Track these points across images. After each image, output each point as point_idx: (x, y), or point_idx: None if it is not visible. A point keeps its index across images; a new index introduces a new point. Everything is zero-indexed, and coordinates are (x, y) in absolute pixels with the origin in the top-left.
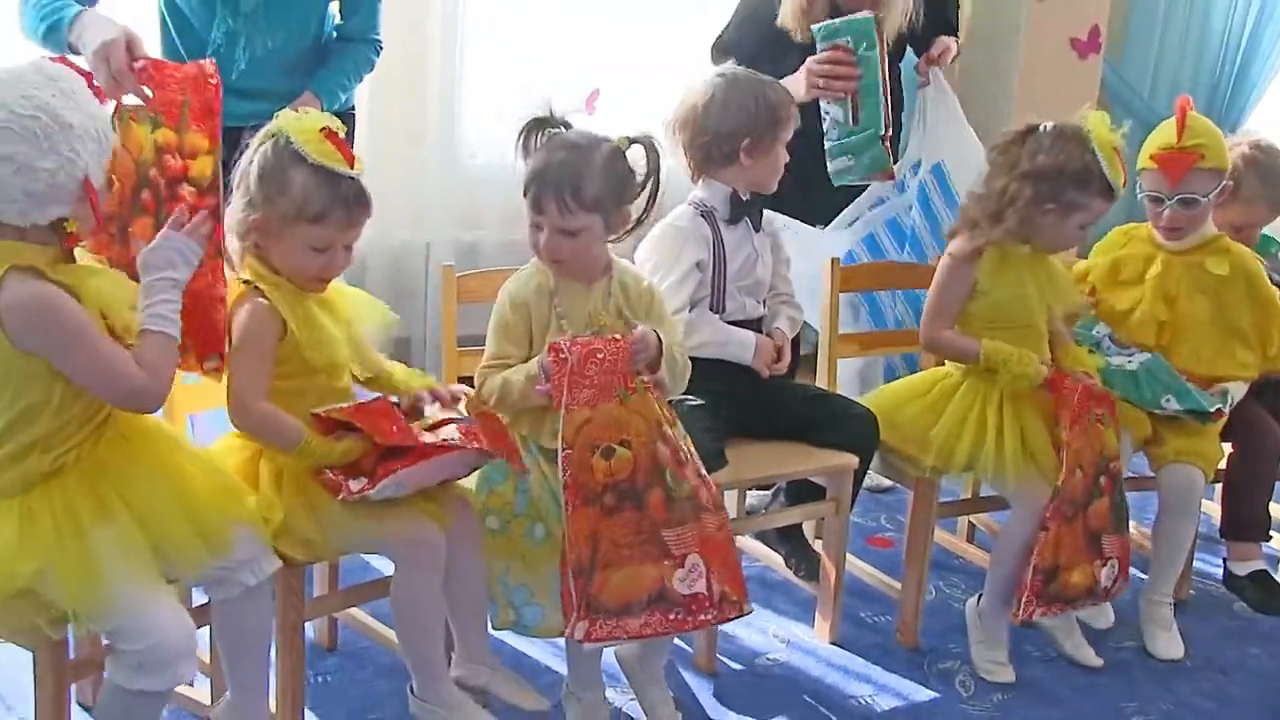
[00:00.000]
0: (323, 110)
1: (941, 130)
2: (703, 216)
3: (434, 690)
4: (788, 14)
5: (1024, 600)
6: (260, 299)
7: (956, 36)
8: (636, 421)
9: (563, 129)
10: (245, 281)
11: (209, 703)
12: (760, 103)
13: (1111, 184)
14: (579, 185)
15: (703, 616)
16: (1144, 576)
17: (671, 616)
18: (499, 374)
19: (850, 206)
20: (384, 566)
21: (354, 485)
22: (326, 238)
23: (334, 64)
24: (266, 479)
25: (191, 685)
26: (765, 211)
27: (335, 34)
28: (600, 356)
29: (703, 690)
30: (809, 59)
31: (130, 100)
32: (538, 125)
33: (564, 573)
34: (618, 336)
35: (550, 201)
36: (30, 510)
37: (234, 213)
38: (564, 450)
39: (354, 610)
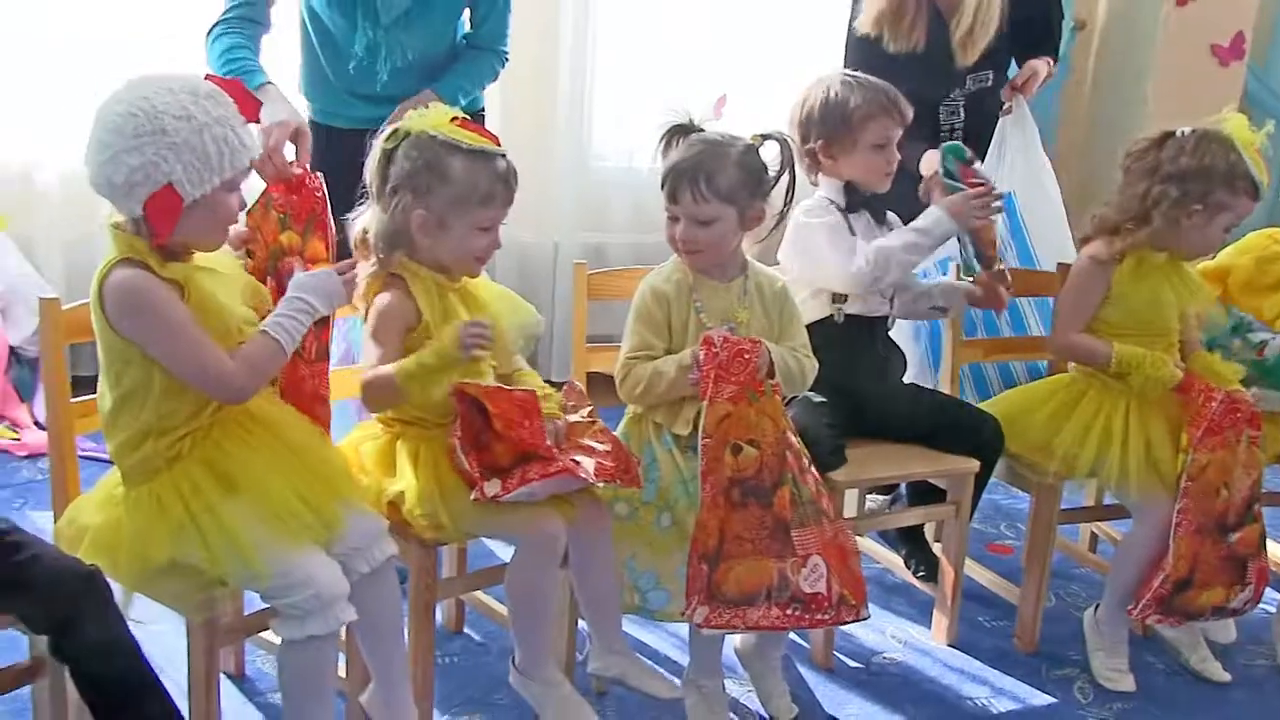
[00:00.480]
0: None
1: (1018, 161)
2: (830, 205)
3: (535, 668)
4: (869, 21)
5: (1144, 602)
6: (397, 288)
7: (1054, 57)
8: (765, 424)
9: (698, 134)
10: (392, 274)
11: (343, 675)
12: (829, 104)
13: (1257, 183)
14: (713, 175)
15: (820, 616)
16: (1279, 595)
17: (789, 612)
18: (645, 364)
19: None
20: (507, 554)
21: (489, 489)
22: (492, 216)
23: (460, 69)
24: (404, 461)
25: None
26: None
27: (465, 41)
28: (746, 358)
29: (819, 686)
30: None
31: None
32: (678, 131)
33: (692, 556)
34: (757, 340)
35: (685, 191)
36: (158, 495)
37: (385, 216)
38: (704, 439)
39: (481, 595)
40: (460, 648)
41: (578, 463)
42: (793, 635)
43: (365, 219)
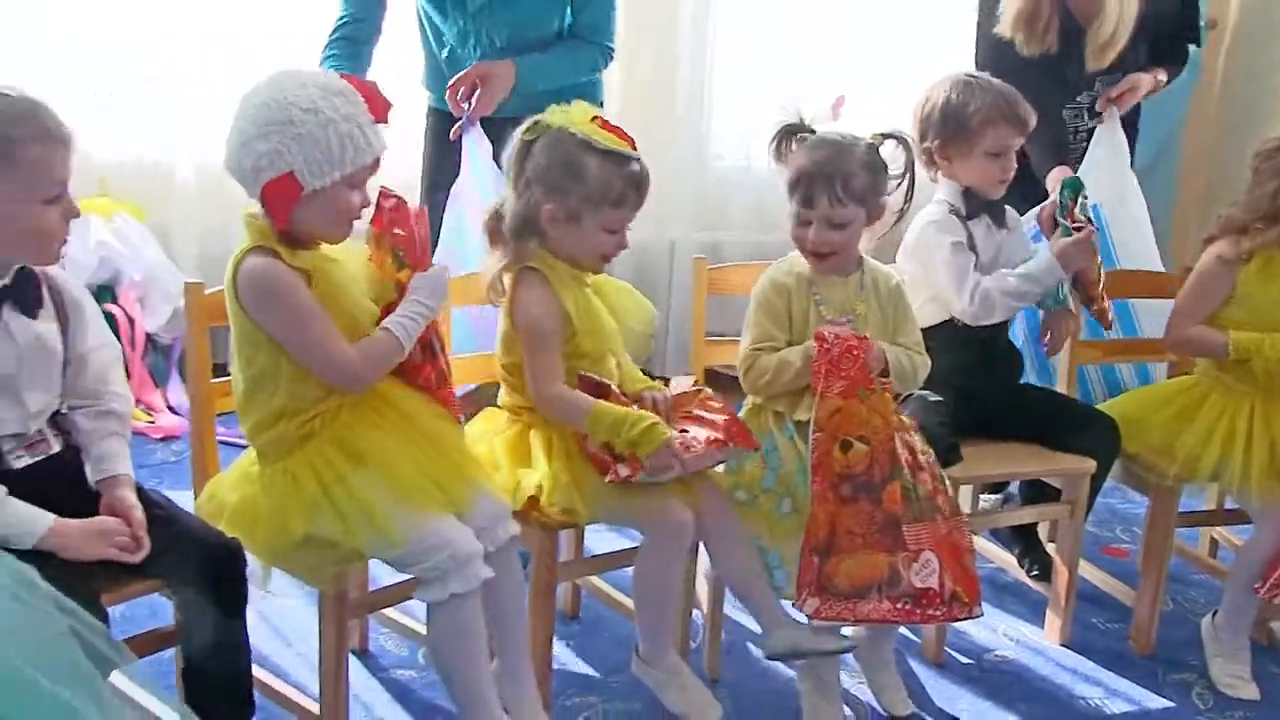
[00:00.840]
0: (513, 85)
1: (1105, 170)
2: (950, 212)
3: (658, 656)
4: (1008, 23)
5: (1271, 581)
6: (536, 283)
7: (1180, 65)
8: (875, 420)
9: (810, 134)
10: (528, 268)
11: None
12: (949, 106)
13: None
14: (848, 179)
15: (931, 611)
16: None
17: (900, 606)
18: (770, 355)
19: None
20: (623, 542)
21: (622, 470)
22: (621, 218)
23: (554, 50)
24: (538, 452)
25: None
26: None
27: (570, 31)
28: (856, 354)
29: (930, 680)
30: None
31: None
32: (790, 131)
33: (804, 549)
34: (864, 336)
35: (822, 195)
36: (292, 473)
37: (519, 204)
38: (815, 433)
39: (597, 581)
40: (576, 631)
41: (685, 431)
42: (903, 630)
43: (491, 206)
